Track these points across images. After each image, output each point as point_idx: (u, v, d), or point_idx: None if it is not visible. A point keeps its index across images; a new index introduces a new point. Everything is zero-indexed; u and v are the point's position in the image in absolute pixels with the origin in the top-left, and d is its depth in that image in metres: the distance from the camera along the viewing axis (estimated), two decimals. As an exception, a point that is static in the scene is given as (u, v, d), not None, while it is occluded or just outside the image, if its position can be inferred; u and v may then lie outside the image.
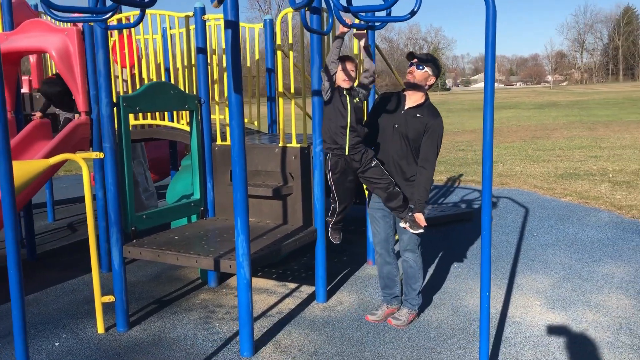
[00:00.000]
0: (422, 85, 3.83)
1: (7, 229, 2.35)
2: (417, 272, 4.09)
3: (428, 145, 3.81)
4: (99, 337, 4.06)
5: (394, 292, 4.23)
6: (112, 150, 4.00)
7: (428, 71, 3.80)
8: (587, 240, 6.15)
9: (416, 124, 3.81)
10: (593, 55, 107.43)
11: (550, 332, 3.96)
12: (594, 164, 11.45)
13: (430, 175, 3.83)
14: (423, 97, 3.87)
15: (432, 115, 3.83)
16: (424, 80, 3.83)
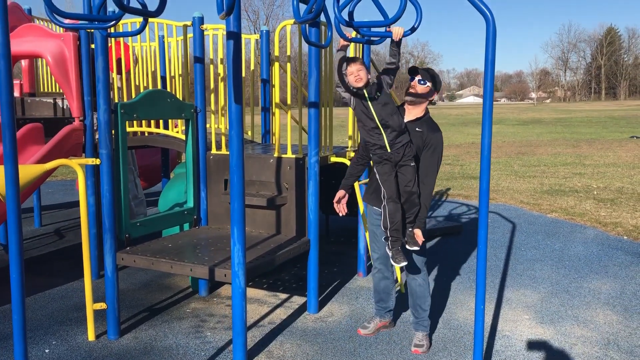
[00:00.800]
0: (423, 100, 3.80)
1: (11, 233, 2.34)
2: (425, 290, 4.00)
3: (428, 161, 3.74)
4: (90, 345, 4.03)
5: (389, 306, 4.21)
6: (108, 156, 4.00)
7: (430, 86, 3.76)
8: (574, 256, 6.24)
9: (415, 138, 3.73)
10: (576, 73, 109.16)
11: (540, 347, 4.01)
12: (579, 180, 11.62)
13: (429, 192, 3.77)
14: (423, 111, 3.83)
15: (431, 129, 3.77)
16: (427, 94, 3.79)
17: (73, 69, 5.21)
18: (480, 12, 2.89)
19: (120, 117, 4.07)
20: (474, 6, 2.90)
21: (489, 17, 2.86)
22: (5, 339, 4.12)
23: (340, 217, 6.84)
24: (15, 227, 2.32)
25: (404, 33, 3.38)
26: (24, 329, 2.43)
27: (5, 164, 2.30)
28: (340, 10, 3.19)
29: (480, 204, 3.04)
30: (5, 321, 4.45)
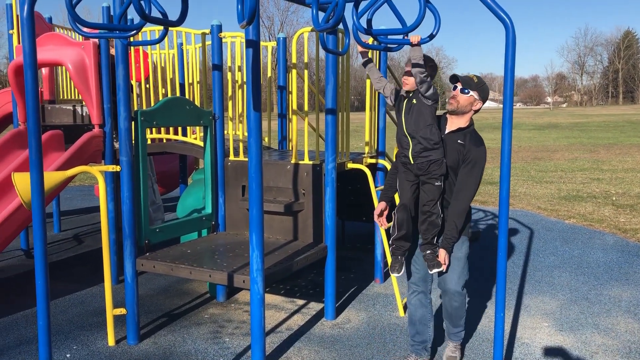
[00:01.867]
0: (466, 110, 3.48)
1: (36, 239, 2.38)
2: (462, 310, 3.70)
3: (466, 176, 3.43)
4: (110, 350, 4.07)
5: (426, 339, 3.78)
6: (129, 163, 4.04)
7: (474, 95, 3.45)
8: (593, 262, 6.18)
9: (453, 151, 3.46)
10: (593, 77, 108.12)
11: (560, 355, 3.97)
12: (597, 186, 11.51)
13: (461, 209, 3.44)
14: (466, 122, 3.51)
15: (474, 142, 3.46)
16: (469, 105, 3.47)
17: (93, 76, 5.28)
18: (499, 19, 2.89)
19: (140, 124, 4.12)
20: (493, 13, 2.90)
21: (509, 24, 2.86)
22: (28, 343, 4.17)
23: (356, 223, 6.82)
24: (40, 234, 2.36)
25: (422, 40, 3.39)
26: (49, 334, 2.46)
27: (31, 171, 2.34)
28: (358, 18, 3.20)
29: (500, 212, 3.03)
30: (27, 326, 4.51)
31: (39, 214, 2.36)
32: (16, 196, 4.93)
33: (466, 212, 3.47)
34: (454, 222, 3.45)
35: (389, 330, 4.40)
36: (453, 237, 3.47)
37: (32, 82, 2.30)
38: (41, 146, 2.32)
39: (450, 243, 3.49)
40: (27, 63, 2.28)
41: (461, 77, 3.50)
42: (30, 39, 2.27)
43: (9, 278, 5.82)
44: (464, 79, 3.49)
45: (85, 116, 6.51)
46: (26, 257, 6.56)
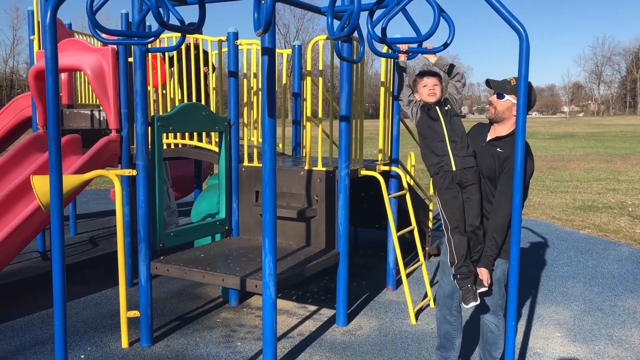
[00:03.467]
0: (505, 117, 3.30)
1: (54, 241, 2.43)
2: (498, 338, 3.48)
3: (504, 187, 3.22)
4: (123, 352, 4.12)
5: (449, 357, 3.64)
6: (145, 168, 4.10)
7: (510, 100, 3.25)
8: (608, 273, 6.13)
9: (492, 159, 3.29)
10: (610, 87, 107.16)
11: (572, 365, 3.95)
12: (612, 197, 11.41)
13: (500, 224, 3.24)
14: (510, 129, 3.29)
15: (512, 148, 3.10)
16: (507, 110, 3.28)
17: (111, 82, 5.37)
18: (513, 29, 2.90)
19: (157, 129, 4.18)
20: (507, 23, 2.91)
21: (523, 34, 2.87)
22: (43, 344, 4.24)
23: (369, 230, 6.83)
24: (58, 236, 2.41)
25: (436, 49, 3.41)
26: (65, 335, 2.51)
27: (50, 174, 2.39)
28: (373, 27, 3.23)
29: (513, 221, 3.03)
30: (42, 326, 4.58)
31: (57, 216, 2.41)
32: (34, 199, 5.01)
33: (506, 226, 3.24)
34: (493, 238, 3.26)
35: (400, 338, 4.40)
36: (493, 255, 3.28)
37: (53, 89, 2.35)
38: (60, 150, 2.38)
39: (490, 261, 3.29)
40: (48, 68, 2.34)
41: (495, 82, 3.33)
42: (52, 45, 2.33)
43: (26, 279, 5.91)
44: (498, 83, 3.31)
45: (103, 121, 6.60)
46: (42, 259, 6.66)
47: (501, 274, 3.38)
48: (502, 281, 3.39)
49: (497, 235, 3.27)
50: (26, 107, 6.94)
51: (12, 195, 5.08)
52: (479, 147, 3.41)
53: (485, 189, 3.35)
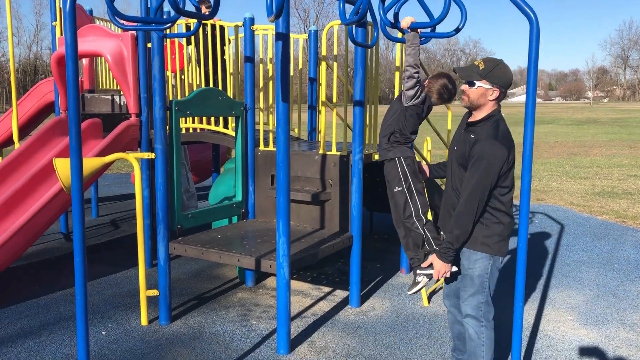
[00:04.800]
0: (481, 104, 3.05)
1: (75, 222, 2.54)
2: (477, 347, 3.13)
3: (468, 174, 2.98)
4: (143, 329, 4.26)
5: (463, 357, 3.42)
6: (163, 151, 4.21)
7: (482, 86, 2.99)
8: (623, 259, 6.12)
9: (464, 145, 3.06)
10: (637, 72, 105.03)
11: (582, 348, 4.00)
12: (633, 183, 11.30)
13: (460, 212, 2.98)
14: (486, 113, 3.05)
15: (485, 134, 2.97)
16: (482, 97, 3.02)
17: (131, 67, 5.47)
18: (524, 14, 2.92)
19: (175, 114, 4.28)
20: (518, 7, 2.93)
21: (533, 19, 2.89)
22: (67, 320, 4.40)
23: (384, 215, 6.88)
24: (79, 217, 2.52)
25: (449, 33, 3.45)
26: (86, 312, 2.63)
27: (71, 157, 2.50)
28: (385, 12, 3.28)
29: (521, 203, 3.07)
30: (66, 304, 4.74)
31: (78, 197, 2.51)
32: (56, 181, 5.17)
33: (470, 217, 2.96)
34: (451, 229, 3.02)
35: (412, 319, 4.48)
36: (448, 245, 3.02)
37: (73, 74, 2.45)
38: (80, 133, 2.48)
39: (444, 251, 3.04)
40: (68, 54, 2.43)
41: (461, 70, 3.09)
42: (72, 31, 2.42)
43: (49, 260, 6.10)
44: (465, 71, 3.05)
45: (123, 105, 6.73)
46: (65, 240, 6.85)
47: (482, 270, 3.06)
48: (485, 279, 3.06)
49: (455, 223, 3.00)
50: (49, 92, 7.11)
51: (36, 178, 5.23)
52: (459, 133, 3.20)
53: (461, 176, 3.07)
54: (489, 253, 3.04)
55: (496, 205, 3.02)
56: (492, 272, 3.09)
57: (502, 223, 3.04)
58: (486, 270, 3.06)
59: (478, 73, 3.01)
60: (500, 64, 3.01)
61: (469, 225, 2.98)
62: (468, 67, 3.07)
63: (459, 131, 3.21)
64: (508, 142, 2.99)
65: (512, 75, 3.08)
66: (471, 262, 3.08)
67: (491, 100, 3.04)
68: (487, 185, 2.93)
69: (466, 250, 3.09)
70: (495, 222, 3.03)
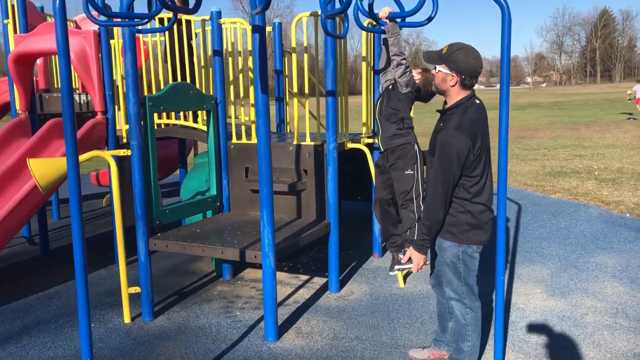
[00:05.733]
0: (445, 89, 3.06)
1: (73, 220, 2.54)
2: (463, 328, 3.21)
3: (434, 162, 3.00)
4: (127, 326, 4.25)
5: (442, 337, 3.54)
6: (139, 147, 4.19)
7: (442, 70, 3.00)
8: (579, 233, 6.47)
9: (434, 134, 3.09)
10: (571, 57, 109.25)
11: (553, 317, 4.24)
12: (579, 162, 11.85)
13: (429, 201, 3.02)
14: (453, 100, 3.05)
15: (449, 123, 2.97)
16: (443, 82, 3.03)
17: (95, 64, 5.39)
18: (496, 2, 3.08)
19: (149, 109, 4.27)
20: (490, -4, 3.09)
21: (505, 7, 3.06)
22: (45, 323, 4.34)
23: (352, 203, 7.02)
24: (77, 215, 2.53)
25: (421, 22, 3.58)
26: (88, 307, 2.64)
27: (68, 156, 2.50)
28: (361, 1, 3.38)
29: (499, 183, 3.25)
30: (42, 307, 4.67)
31: (75, 194, 2.52)
32: (24, 184, 5.06)
33: (438, 206, 2.98)
34: (423, 219, 3.07)
35: (391, 301, 4.64)
36: (422, 235, 3.08)
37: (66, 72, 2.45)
38: (75, 131, 2.48)
39: (420, 242, 3.11)
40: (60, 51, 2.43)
41: (426, 54, 3.09)
42: (62, 28, 2.42)
43: (16, 264, 5.95)
44: (428, 55, 3.06)
45: (84, 104, 6.62)
46: (29, 244, 6.69)
47: (453, 257, 3.12)
48: (457, 266, 3.14)
49: (425, 214, 3.05)
50: (3, 92, 6.89)
51: (2, 180, 5.10)
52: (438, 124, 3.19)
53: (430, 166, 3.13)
54: (455, 242, 3.09)
55: (463, 194, 3.03)
56: (464, 259, 3.12)
57: (469, 212, 3.05)
58: (457, 257, 3.12)
59: (439, 57, 3.01)
60: (462, 49, 2.95)
61: (439, 215, 3.00)
62: (434, 51, 3.09)
63: None
64: (472, 131, 2.94)
65: (476, 63, 2.98)
66: (441, 250, 3.18)
67: (452, 87, 3.01)
68: (451, 175, 2.93)
69: (437, 239, 3.18)
70: (461, 211, 3.05)
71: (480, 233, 3.10)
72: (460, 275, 3.14)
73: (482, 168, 3.04)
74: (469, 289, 3.18)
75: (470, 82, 3.02)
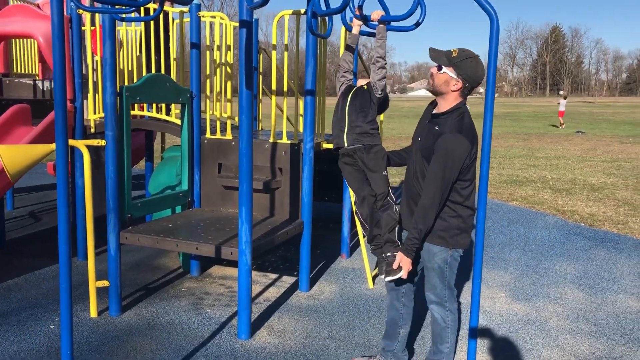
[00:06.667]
0: (443, 92, 3.03)
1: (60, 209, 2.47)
2: (444, 330, 3.24)
3: (431, 165, 2.96)
4: (94, 321, 4.14)
5: (392, 347, 3.48)
6: (114, 138, 4.09)
7: (448, 73, 2.97)
8: (538, 240, 6.69)
9: (428, 137, 3.04)
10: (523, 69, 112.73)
11: (518, 321, 4.37)
12: (534, 172, 12.24)
13: (423, 205, 2.97)
14: (450, 105, 3.03)
15: (449, 128, 2.95)
16: (444, 84, 3.00)
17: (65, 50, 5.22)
18: (485, 11, 3.15)
19: (125, 99, 4.17)
20: (480, 5, 3.16)
21: (494, 16, 3.13)
22: (5, 316, 4.19)
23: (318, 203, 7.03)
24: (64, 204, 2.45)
25: (409, 27, 3.63)
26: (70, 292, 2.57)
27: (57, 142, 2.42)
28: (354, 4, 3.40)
29: (480, 188, 3.33)
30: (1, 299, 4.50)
31: (62, 182, 2.45)
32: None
33: (434, 211, 2.97)
34: (416, 222, 3.00)
35: (361, 301, 4.68)
36: (413, 240, 3.01)
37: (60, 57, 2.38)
38: (67, 117, 2.40)
39: (410, 245, 3.03)
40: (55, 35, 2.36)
41: (434, 52, 3.04)
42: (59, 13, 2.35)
43: (-30, 254, 5.71)
44: (436, 54, 3.02)
45: (47, 91, 6.40)
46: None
47: (441, 262, 3.13)
48: (444, 270, 3.15)
49: (418, 217, 2.99)
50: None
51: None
52: (423, 124, 3.18)
53: (424, 168, 3.06)
54: (446, 246, 3.10)
55: (456, 198, 3.04)
56: (450, 264, 3.15)
57: (460, 216, 3.06)
58: (445, 262, 3.13)
59: (448, 59, 2.98)
60: (473, 58, 2.98)
61: (432, 219, 3.00)
62: (442, 51, 3.05)
63: (423, 122, 3.20)
64: (472, 135, 2.98)
65: (482, 75, 3.04)
66: (430, 255, 3.14)
67: (453, 91, 3.01)
68: (450, 179, 2.94)
69: (425, 244, 3.13)
70: (453, 215, 3.06)
71: (466, 237, 3.16)
72: (445, 279, 3.16)
73: (473, 173, 3.10)
74: (451, 292, 3.22)
75: (469, 92, 3.07)
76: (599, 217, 7.82)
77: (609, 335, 4.12)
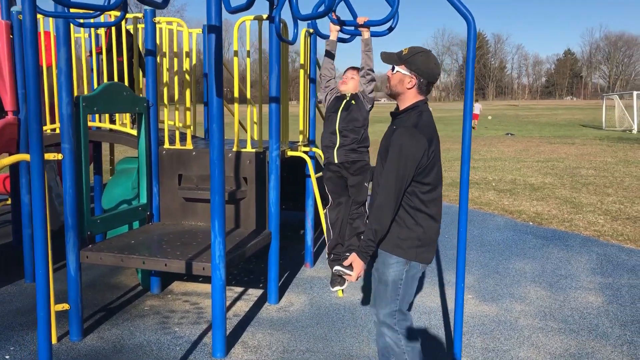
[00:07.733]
0: (400, 92, 2.89)
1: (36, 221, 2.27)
2: (399, 356, 2.92)
3: (386, 165, 2.79)
4: (54, 348, 3.85)
5: None
6: (71, 151, 3.83)
7: (401, 71, 2.85)
8: (493, 241, 6.83)
9: (387, 137, 2.91)
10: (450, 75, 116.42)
11: (489, 322, 4.42)
12: (475, 174, 12.56)
13: (379, 204, 2.76)
14: (408, 103, 2.89)
15: (403, 124, 2.81)
16: (400, 84, 2.87)
17: (6, 59, 4.89)
18: (462, 15, 3.17)
19: (82, 110, 3.93)
20: (456, 9, 3.18)
21: (471, 20, 3.15)
22: (-45, 349, 3.83)
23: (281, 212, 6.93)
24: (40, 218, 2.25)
25: (382, 32, 3.61)
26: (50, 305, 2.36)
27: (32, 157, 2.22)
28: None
29: (461, 196, 3.33)
30: (-53, 330, 4.12)
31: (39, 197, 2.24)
32: None
33: (388, 210, 2.75)
34: (370, 222, 2.80)
35: (333, 310, 4.60)
36: (368, 241, 2.79)
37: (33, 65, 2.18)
38: (42, 130, 2.20)
39: (363, 249, 2.81)
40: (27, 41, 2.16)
41: (385, 54, 2.95)
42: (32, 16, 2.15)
43: None
44: (387, 55, 2.93)
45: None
46: None
47: (396, 276, 2.85)
48: (398, 286, 2.86)
49: (372, 217, 2.80)
50: None
51: None
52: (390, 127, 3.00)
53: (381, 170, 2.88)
54: (403, 257, 2.83)
55: (415, 203, 2.81)
56: (406, 279, 2.86)
57: (421, 226, 2.82)
58: (400, 276, 2.85)
59: (399, 57, 2.87)
60: (423, 52, 2.85)
61: (388, 219, 2.77)
62: (393, 52, 2.95)
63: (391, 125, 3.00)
64: (429, 133, 2.79)
65: (435, 68, 2.89)
66: (385, 265, 2.88)
67: (409, 89, 2.86)
68: (405, 176, 2.73)
69: (381, 252, 2.89)
70: (413, 223, 2.82)
71: (428, 251, 2.90)
72: (398, 296, 2.87)
73: (435, 177, 2.83)
74: (402, 314, 2.91)
75: (427, 87, 2.90)
76: (545, 216, 8.09)
77: (577, 332, 4.23)
